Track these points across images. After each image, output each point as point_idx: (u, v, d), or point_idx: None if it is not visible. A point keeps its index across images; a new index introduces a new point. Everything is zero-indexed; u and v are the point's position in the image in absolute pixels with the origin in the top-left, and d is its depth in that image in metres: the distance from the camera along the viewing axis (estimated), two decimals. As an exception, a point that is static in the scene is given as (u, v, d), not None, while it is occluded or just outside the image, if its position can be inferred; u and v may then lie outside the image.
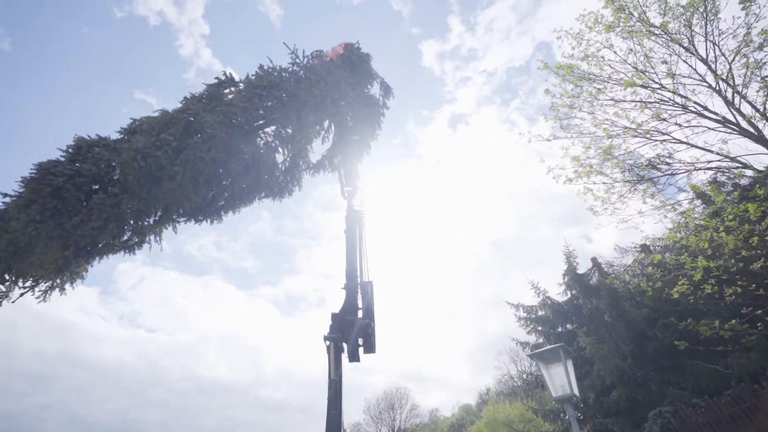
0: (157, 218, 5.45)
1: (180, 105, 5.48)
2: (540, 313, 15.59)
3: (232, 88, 5.84)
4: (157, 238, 5.72)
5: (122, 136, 5.12)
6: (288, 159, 6.67)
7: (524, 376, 16.07)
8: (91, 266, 5.27)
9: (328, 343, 10.19)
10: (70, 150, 4.79)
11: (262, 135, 6.03)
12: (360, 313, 10.65)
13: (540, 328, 15.27)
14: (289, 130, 6.19)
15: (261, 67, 6.08)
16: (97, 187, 4.72)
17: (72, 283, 5.12)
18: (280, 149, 6.34)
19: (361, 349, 10.50)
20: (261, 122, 5.94)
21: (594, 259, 17.11)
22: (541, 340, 15.02)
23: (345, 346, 10.07)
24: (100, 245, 4.93)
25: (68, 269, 4.84)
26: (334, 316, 10.68)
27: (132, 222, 5.19)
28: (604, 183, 10.71)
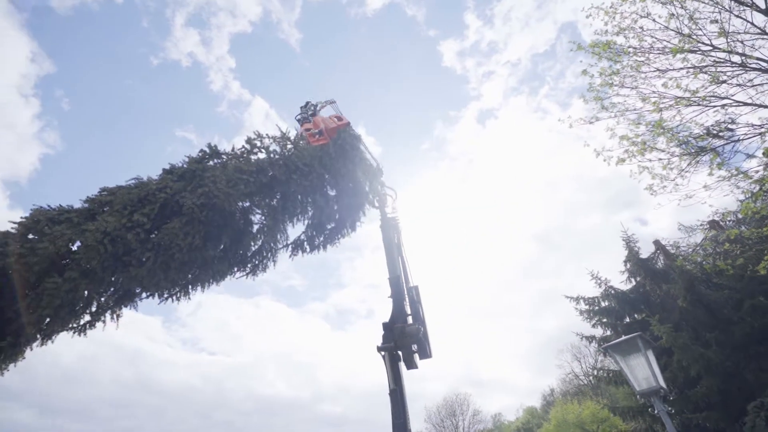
0: (115, 298, 5.00)
1: (158, 177, 5.13)
2: (603, 304, 14.65)
3: (216, 161, 5.61)
4: (114, 317, 5.10)
5: (89, 207, 4.68)
6: (266, 240, 6.33)
7: (595, 372, 15.10)
8: (31, 350, 4.50)
9: (383, 353, 10.23)
10: (25, 223, 4.31)
11: (240, 215, 5.65)
12: (410, 320, 10.62)
13: (605, 320, 14.33)
14: (271, 220, 5.98)
15: (249, 140, 5.95)
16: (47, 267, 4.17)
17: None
18: (259, 235, 6.09)
19: (417, 356, 10.44)
20: (243, 205, 5.68)
21: (657, 242, 15.92)
22: (608, 333, 14.08)
23: (400, 354, 10.07)
24: (43, 329, 4.38)
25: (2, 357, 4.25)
26: (385, 326, 10.70)
27: (86, 303, 4.63)
28: (660, 159, 10.03)
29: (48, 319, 4.22)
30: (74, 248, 4.35)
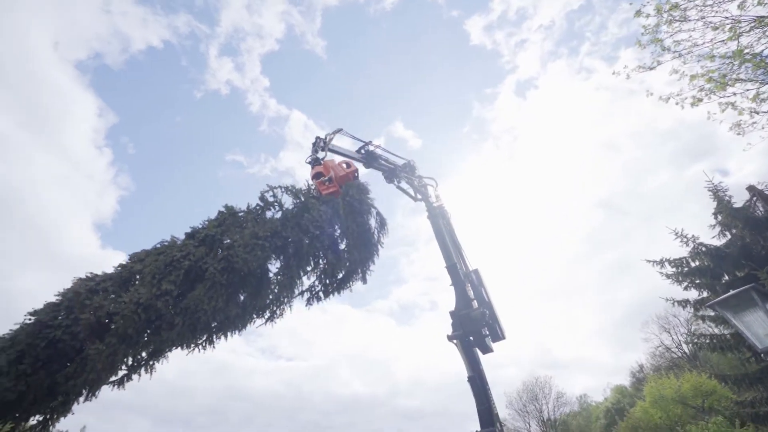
0: (149, 353, 5.48)
1: (181, 242, 5.57)
2: (694, 264, 13.14)
3: (231, 221, 6.00)
4: (149, 370, 5.66)
5: (122, 273, 5.24)
6: (280, 291, 6.63)
7: (693, 339, 13.64)
8: (77, 404, 5.11)
9: (455, 341, 10.00)
10: (68, 295, 4.82)
11: (259, 270, 5.83)
12: (475, 304, 10.27)
13: (699, 281, 12.85)
14: (286, 276, 6.18)
15: (262, 197, 6.35)
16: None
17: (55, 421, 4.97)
18: (275, 287, 6.39)
19: (489, 339, 10.06)
20: (260, 264, 5.83)
21: (752, 187, 13.93)
22: (705, 294, 12.63)
23: (472, 340, 9.76)
24: (88, 389, 4.90)
25: (52, 418, 4.83)
26: (451, 314, 10.46)
27: (122, 364, 5.08)
28: (747, 90, 8.72)
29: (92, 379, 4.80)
30: (113, 314, 4.79)
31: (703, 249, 13.11)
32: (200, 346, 5.89)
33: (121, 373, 5.47)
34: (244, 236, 5.53)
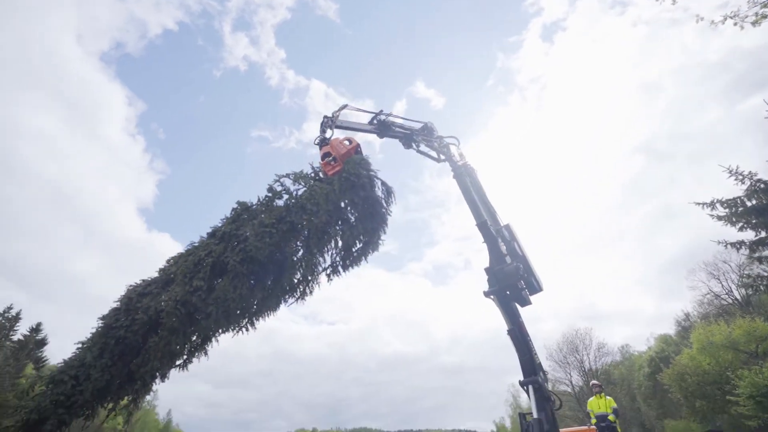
0: (199, 342, 6.37)
1: (204, 241, 6.31)
2: (750, 203, 12.18)
3: (245, 216, 6.49)
4: (202, 354, 6.59)
5: (163, 276, 6.13)
6: (305, 270, 7.02)
7: (748, 282, 12.90)
8: (155, 384, 6.31)
9: (492, 297, 10.00)
10: (123, 300, 5.98)
11: (280, 254, 6.28)
12: (508, 259, 10.13)
13: (755, 220, 11.95)
14: (307, 254, 6.54)
15: (270, 188, 6.70)
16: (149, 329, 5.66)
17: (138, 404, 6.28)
18: (300, 268, 6.77)
19: (525, 292, 9.97)
20: (275, 251, 6.25)
21: (820, 113, 12.45)
22: (763, 234, 11.77)
23: (509, 294, 9.71)
24: (158, 374, 6.01)
25: (137, 397, 6.05)
26: (486, 270, 10.40)
27: (179, 351, 6.07)
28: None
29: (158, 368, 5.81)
30: (160, 311, 5.68)
31: (762, 186, 12.06)
32: (242, 329, 6.57)
33: (181, 360, 6.45)
34: (254, 227, 6.05)
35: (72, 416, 5.23)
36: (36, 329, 77.23)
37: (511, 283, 9.72)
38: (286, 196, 6.68)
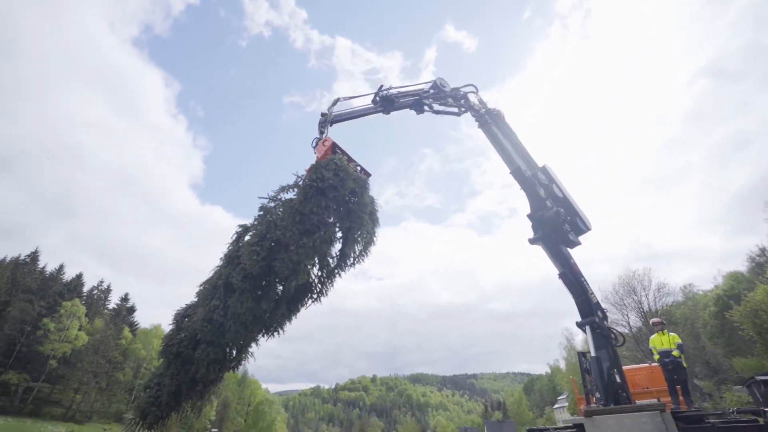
0: (237, 349, 7.03)
1: (219, 265, 6.92)
2: None
3: (248, 236, 6.90)
4: (247, 358, 7.35)
5: (199, 300, 6.90)
6: (322, 271, 7.34)
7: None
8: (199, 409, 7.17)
9: (539, 243, 9.75)
10: (177, 320, 7.02)
11: (277, 268, 6.55)
12: (548, 203, 9.66)
13: None
14: (300, 263, 6.66)
15: (262, 207, 7.01)
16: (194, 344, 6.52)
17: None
18: (313, 268, 7.07)
19: (572, 234, 9.57)
20: (269, 265, 6.57)
21: None
22: None
23: (554, 239, 9.41)
24: (211, 379, 6.80)
25: (203, 396, 6.95)
26: (529, 217, 10.06)
27: (223, 359, 6.80)
28: None
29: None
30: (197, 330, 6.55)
31: None
32: (272, 335, 7.23)
33: (229, 365, 7.29)
34: (246, 246, 6.56)
35: (162, 412, 6.45)
36: (125, 299, 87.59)
37: (555, 227, 9.40)
38: (279, 208, 7.06)
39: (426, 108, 10.17)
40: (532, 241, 9.78)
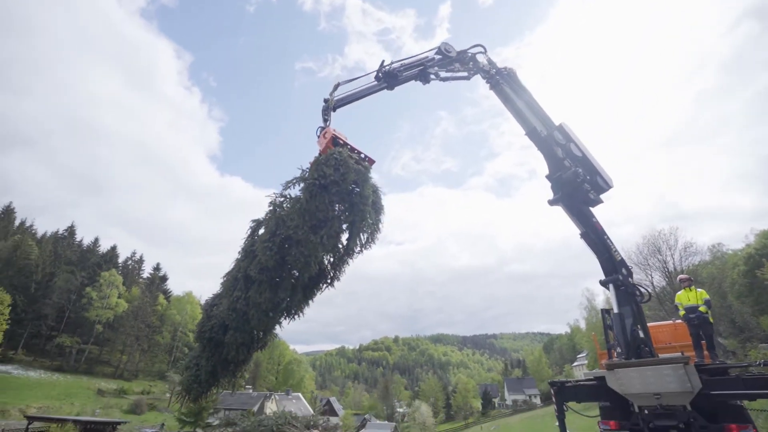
0: (263, 333, 7.59)
1: (237, 258, 7.28)
2: None
3: (261, 230, 7.26)
4: (272, 339, 7.99)
5: (222, 292, 7.40)
6: (335, 259, 7.61)
7: None
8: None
9: (559, 204, 9.53)
10: (206, 309, 7.56)
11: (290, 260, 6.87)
12: (566, 163, 9.31)
13: None
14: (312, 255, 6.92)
15: (271, 203, 7.25)
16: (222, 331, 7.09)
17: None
18: (325, 255, 7.35)
19: (592, 193, 9.29)
20: (282, 258, 6.86)
21: None
22: None
23: (573, 199, 9.16)
24: (242, 360, 7.42)
25: (235, 374, 7.62)
26: (547, 178, 9.76)
27: (250, 342, 7.33)
28: None
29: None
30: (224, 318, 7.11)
31: None
32: (293, 317, 7.61)
33: (257, 345, 7.79)
34: (259, 240, 6.93)
35: (203, 388, 7.23)
36: (157, 268, 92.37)
37: (574, 188, 9.13)
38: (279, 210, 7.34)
39: (432, 77, 9.83)
40: (551, 203, 9.60)
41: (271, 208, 7.32)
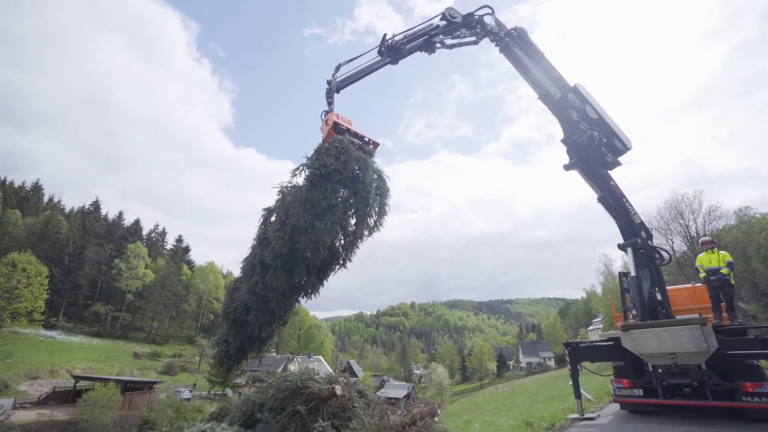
0: (283, 312, 7.86)
1: (253, 245, 7.57)
2: None
3: (274, 215, 7.45)
4: (293, 315, 8.27)
5: (243, 274, 7.68)
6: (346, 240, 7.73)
7: None
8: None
9: (575, 169, 9.27)
10: (229, 292, 7.94)
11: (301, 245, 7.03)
12: (582, 126, 8.95)
13: None
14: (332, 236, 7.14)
15: (280, 190, 7.42)
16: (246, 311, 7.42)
17: None
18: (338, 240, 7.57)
19: (609, 156, 8.98)
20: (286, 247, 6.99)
21: None
22: None
23: (590, 163, 8.88)
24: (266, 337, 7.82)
25: (260, 349, 8.06)
26: (563, 143, 9.44)
27: (272, 320, 7.64)
28: None
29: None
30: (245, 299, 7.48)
31: None
32: (310, 297, 7.99)
33: (278, 322, 8.17)
34: (271, 228, 7.17)
35: (232, 362, 7.76)
36: (179, 240, 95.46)
37: (590, 152, 8.85)
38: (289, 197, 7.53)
39: (438, 45, 9.47)
40: (567, 167, 9.39)
41: (279, 196, 7.57)
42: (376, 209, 7.63)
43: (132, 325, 69.97)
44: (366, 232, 7.75)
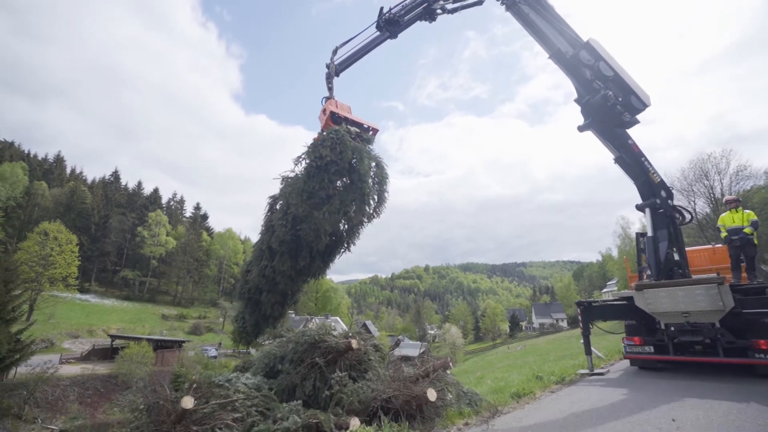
0: (296, 291, 8.32)
1: (261, 232, 7.95)
2: None
3: (279, 203, 7.72)
4: (304, 294, 8.25)
5: (252, 259, 8.08)
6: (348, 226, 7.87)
7: None
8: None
9: (590, 130, 8.89)
10: (243, 275, 8.24)
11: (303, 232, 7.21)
12: (596, 85, 8.45)
13: None
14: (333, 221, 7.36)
15: (283, 179, 7.63)
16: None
17: None
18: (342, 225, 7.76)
19: (627, 115, 8.54)
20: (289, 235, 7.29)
21: None
22: None
23: (605, 123, 8.48)
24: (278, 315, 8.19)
25: (275, 325, 8.25)
26: (576, 102, 8.97)
27: (285, 301, 8.16)
28: None
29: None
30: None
31: None
32: (316, 278, 8.47)
33: (291, 300, 8.57)
34: (275, 217, 7.46)
35: (250, 337, 8.22)
36: (197, 207, 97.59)
37: (605, 112, 8.42)
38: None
39: (439, 12, 8.94)
40: (581, 129, 9.05)
41: (282, 185, 7.75)
42: (375, 197, 7.69)
43: (158, 289, 73.63)
44: (365, 220, 7.86)
